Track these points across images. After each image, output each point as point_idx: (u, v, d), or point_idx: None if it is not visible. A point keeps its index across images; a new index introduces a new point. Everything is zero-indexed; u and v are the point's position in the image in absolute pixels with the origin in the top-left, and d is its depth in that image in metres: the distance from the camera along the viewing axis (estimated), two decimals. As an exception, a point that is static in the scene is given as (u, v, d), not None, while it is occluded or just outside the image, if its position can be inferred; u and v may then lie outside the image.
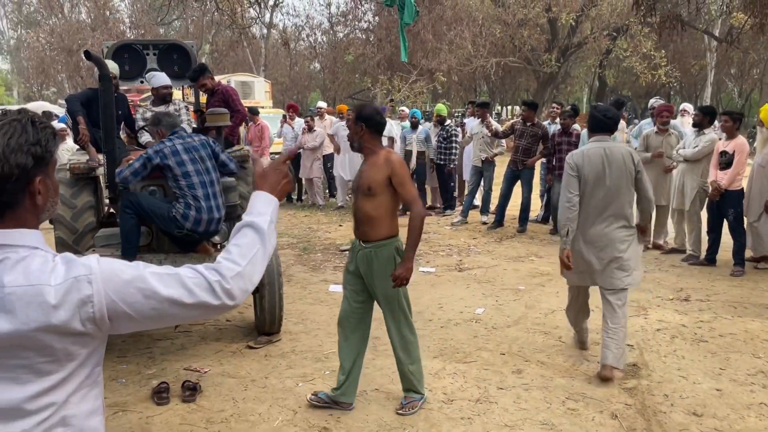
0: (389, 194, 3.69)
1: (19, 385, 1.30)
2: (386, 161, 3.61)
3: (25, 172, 1.31)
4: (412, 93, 18.25)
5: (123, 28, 26.40)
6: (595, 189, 4.19)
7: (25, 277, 1.29)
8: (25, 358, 1.29)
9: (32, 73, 30.84)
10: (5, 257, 1.31)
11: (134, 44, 6.93)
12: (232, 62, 29.52)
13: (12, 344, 1.28)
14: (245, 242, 1.49)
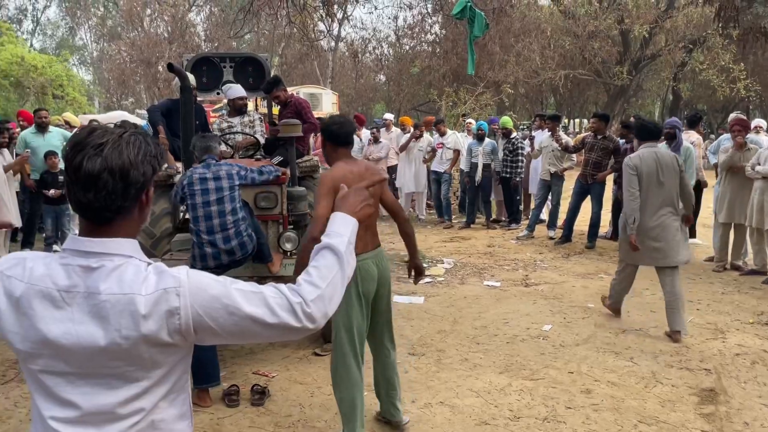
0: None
1: (111, 390, 1.36)
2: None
3: (145, 181, 1.40)
4: (477, 105, 18.14)
5: (198, 41, 27.42)
6: (651, 185, 5.24)
7: (119, 286, 1.34)
8: (116, 367, 1.35)
9: (112, 84, 32.38)
10: (102, 265, 1.36)
11: (212, 57, 7.20)
12: (300, 74, 30.15)
13: (104, 352, 1.34)
14: (324, 264, 1.51)
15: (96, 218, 1.38)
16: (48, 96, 26.11)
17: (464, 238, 9.77)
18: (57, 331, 1.34)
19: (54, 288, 1.35)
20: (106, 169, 1.32)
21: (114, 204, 1.36)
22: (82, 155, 1.33)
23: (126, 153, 1.35)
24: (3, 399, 4.16)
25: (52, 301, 1.35)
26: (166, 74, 25.06)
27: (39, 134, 8.30)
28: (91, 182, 1.32)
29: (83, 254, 1.37)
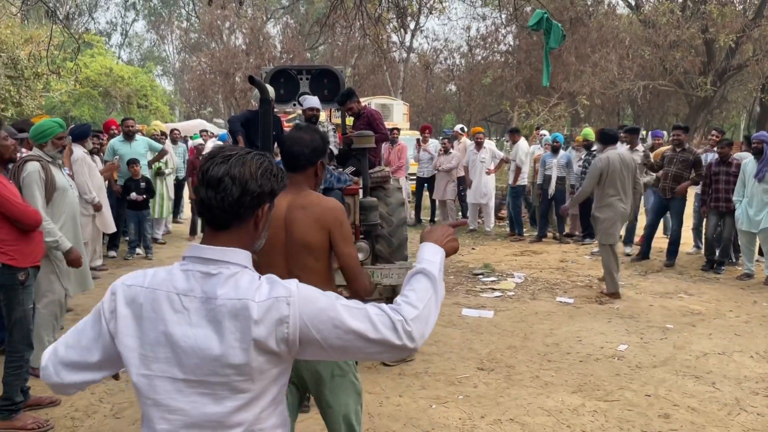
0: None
1: (218, 401, 1.44)
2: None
3: (262, 195, 1.51)
4: (551, 116, 17.82)
5: (274, 53, 28.19)
6: (616, 179, 6.82)
7: (235, 292, 1.43)
8: (226, 375, 1.42)
9: (192, 94, 33.74)
10: (219, 272, 1.46)
11: (289, 69, 7.39)
12: (372, 85, 30.48)
13: (217, 358, 1.41)
14: (420, 287, 1.56)
15: (216, 221, 1.51)
16: (133, 105, 27.47)
17: (535, 252, 9.58)
18: (177, 333, 1.43)
19: (174, 291, 1.46)
20: (227, 175, 1.47)
21: (230, 206, 1.48)
22: (211, 162, 1.50)
23: (248, 166, 1.50)
24: (89, 394, 4.38)
25: (171, 303, 1.45)
26: (244, 85, 25.92)
27: (126, 142, 8.72)
28: (213, 183, 1.47)
29: (203, 261, 1.48)
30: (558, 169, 10.11)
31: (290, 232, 2.56)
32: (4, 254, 3.70)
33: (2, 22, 15.59)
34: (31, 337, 3.94)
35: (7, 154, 3.83)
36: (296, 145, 2.59)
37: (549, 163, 10.20)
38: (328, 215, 2.55)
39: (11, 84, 14.83)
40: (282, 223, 2.56)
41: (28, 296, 3.86)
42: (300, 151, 2.58)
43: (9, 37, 15.33)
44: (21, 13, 15.94)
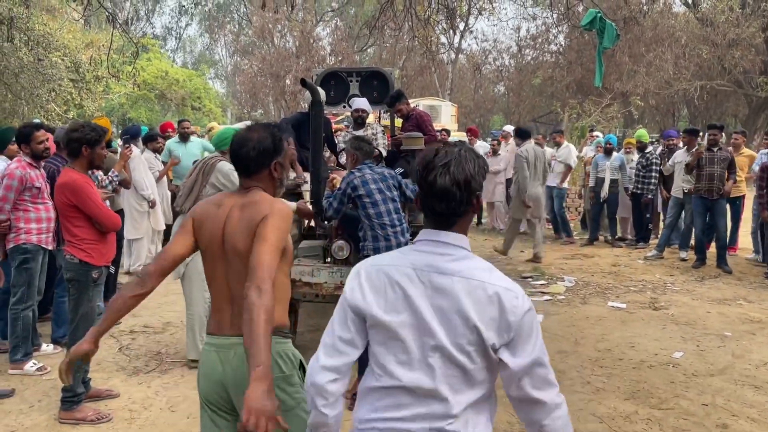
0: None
1: (453, 392, 1.62)
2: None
3: (480, 187, 1.69)
4: (604, 117, 17.44)
5: (323, 54, 28.47)
6: (534, 168, 8.71)
7: (469, 272, 1.63)
8: (467, 354, 1.60)
9: (244, 96, 34.36)
10: (452, 253, 1.66)
11: (340, 72, 7.47)
12: (420, 86, 30.44)
13: (457, 335, 1.59)
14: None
15: (445, 223, 1.68)
16: (187, 107, 28.20)
17: (587, 255, 9.40)
18: (423, 305, 1.63)
19: (411, 267, 1.67)
20: (454, 184, 1.62)
21: (460, 210, 1.66)
22: (434, 173, 1.63)
23: (467, 168, 1.64)
24: (145, 388, 4.52)
25: (411, 279, 1.65)
26: (294, 87, 26.27)
27: (181, 143, 8.95)
28: (443, 195, 1.63)
29: (437, 244, 1.68)
30: (611, 172, 9.89)
31: (225, 235, 2.26)
32: (82, 251, 3.89)
33: (65, 27, 16.24)
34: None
35: (98, 162, 4.02)
36: (242, 148, 2.28)
37: (602, 165, 10.00)
38: (258, 214, 2.17)
39: (73, 87, 15.44)
40: (220, 227, 2.26)
41: (97, 294, 4.03)
42: (246, 154, 2.27)
43: (71, 42, 15.97)
44: (83, 19, 16.59)
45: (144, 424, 3.95)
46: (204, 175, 4.82)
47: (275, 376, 2.08)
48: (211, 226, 2.28)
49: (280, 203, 2.26)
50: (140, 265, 7.92)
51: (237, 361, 2.18)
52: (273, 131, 2.36)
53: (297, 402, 2.23)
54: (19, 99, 12.14)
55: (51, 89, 13.03)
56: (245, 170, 2.31)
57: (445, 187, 1.61)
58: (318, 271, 4.87)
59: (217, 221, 2.27)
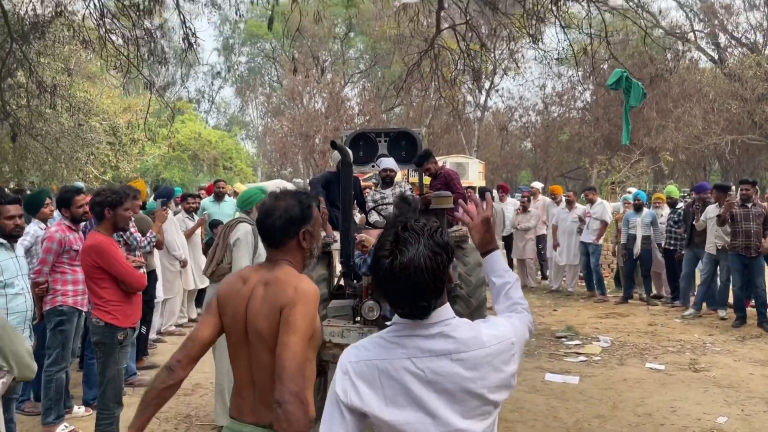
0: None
1: (479, 421, 1.62)
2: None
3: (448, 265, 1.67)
4: (633, 173, 17.35)
5: (352, 114, 29.11)
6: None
7: (466, 344, 1.59)
8: (483, 416, 1.61)
9: (274, 155, 35.13)
10: (441, 330, 1.61)
11: (368, 133, 7.60)
12: (447, 144, 30.80)
13: (470, 409, 1.59)
14: (517, 294, 1.97)
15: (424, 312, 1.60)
16: (219, 167, 28.87)
17: (621, 314, 9.18)
18: (426, 396, 1.57)
19: (405, 357, 1.59)
20: (424, 272, 1.53)
21: (434, 296, 1.59)
22: (391, 260, 1.55)
23: (427, 258, 1.54)
24: (174, 451, 4.46)
25: (407, 370, 1.57)
26: (323, 146, 26.78)
27: (216, 203, 9.10)
28: (411, 286, 1.55)
29: (426, 326, 1.60)
30: (642, 228, 9.75)
31: (248, 316, 2.12)
32: (108, 313, 3.94)
33: (104, 93, 16.94)
34: (121, 395, 4.10)
35: (122, 224, 4.11)
36: (268, 218, 2.16)
37: (632, 221, 9.88)
38: (284, 293, 2.04)
39: (110, 149, 15.98)
40: (243, 306, 2.14)
41: (123, 356, 4.05)
42: (272, 224, 2.15)
43: (110, 107, 16.62)
44: (122, 86, 17.32)
45: (172, 491, 3.89)
46: (224, 239, 4.87)
47: None
48: (235, 304, 2.16)
49: (306, 283, 2.10)
50: (172, 325, 7.97)
51: None
52: (301, 198, 2.23)
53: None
54: (58, 162, 12.60)
55: (90, 152, 13.52)
56: (271, 241, 2.18)
57: (409, 274, 1.53)
58: (348, 332, 4.83)
59: (240, 299, 2.15)
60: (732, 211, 8.11)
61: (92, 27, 8.62)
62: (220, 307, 2.21)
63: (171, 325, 7.97)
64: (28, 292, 4.14)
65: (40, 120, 10.50)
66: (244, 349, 2.16)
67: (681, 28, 23.25)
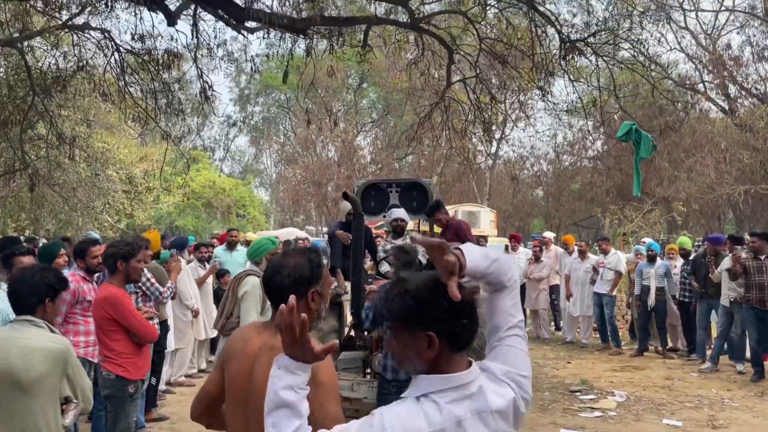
0: None
1: None
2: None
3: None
4: (646, 223, 17.29)
5: (364, 163, 29.44)
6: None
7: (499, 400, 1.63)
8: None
9: (287, 203, 35.46)
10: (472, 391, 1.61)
11: (380, 183, 7.68)
12: (458, 192, 30.98)
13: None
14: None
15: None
16: (232, 215, 29.15)
17: (637, 367, 9.00)
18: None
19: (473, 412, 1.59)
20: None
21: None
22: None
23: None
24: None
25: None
26: (335, 194, 27.00)
27: (228, 251, 9.17)
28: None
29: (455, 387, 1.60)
30: (657, 279, 9.66)
31: (251, 379, 2.00)
32: (119, 366, 3.96)
33: (122, 143, 17.31)
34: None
35: (134, 276, 4.17)
36: (276, 275, 2.08)
37: (646, 272, 9.79)
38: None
39: (126, 198, 16.22)
40: (246, 368, 2.03)
41: (133, 409, 4.05)
42: (279, 282, 2.06)
43: (127, 156, 16.95)
44: (139, 137, 17.70)
45: None
46: (234, 292, 4.89)
47: None
48: (236, 365, 2.07)
49: (324, 362, 1.80)
50: (182, 376, 7.92)
51: None
52: (311, 256, 2.15)
53: None
54: (74, 211, 12.80)
55: (105, 201, 13.74)
56: (278, 300, 1.89)
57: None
58: (358, 386, 4.79)
59: (242, 361, 2.04)
60: (744, 264, 8.03)
61: (112, 80, 8.89)
62: (224, 364, 2.17)
63: (181, 376, 7.92)
64: None
65: (58, 170, 10.74)
66: (242, 412, 2.06)
67: (690, 79, 23.49)
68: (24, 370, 2.64)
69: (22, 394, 2.66)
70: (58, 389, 2.75)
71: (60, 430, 2.76)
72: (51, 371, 2.71)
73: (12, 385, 2.65)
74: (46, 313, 2.87)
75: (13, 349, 2.68)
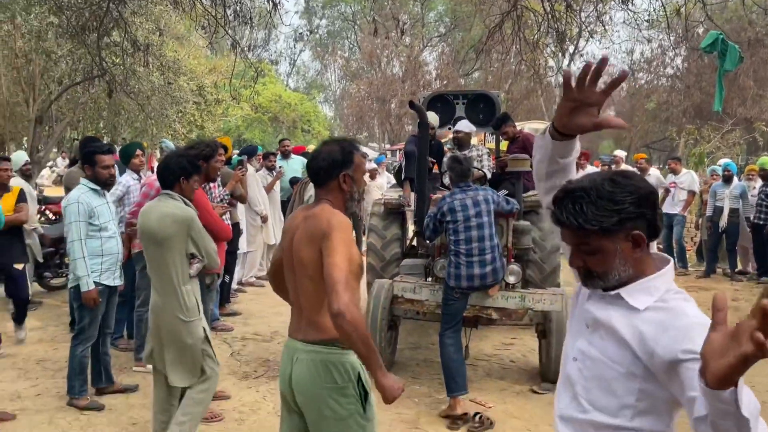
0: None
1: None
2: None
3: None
4: (725, 144, 16.46)
5: (429, 78, 28.86)
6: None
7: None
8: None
9: (351, 119, 35.44)
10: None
11: (446, 95, 7.58)
12: (526, 110, 30.10)
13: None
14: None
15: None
16: (297, 130, 29.45)
17: (703, 288, 8.86)
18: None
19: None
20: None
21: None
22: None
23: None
24: (254, 392, 4.76)
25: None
26: (399, 110, 26.79)
27: (284, 160, 9.41)
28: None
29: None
30: (731, 200, 9.32)
31: (293, 248, 2.42)
32: None
33: (192, 54, 17.54)
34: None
35: (213, 175, 4.43)
36: (314, 160, 2.47)
37: (720, 193, 9.45)
38: (319, 225, 2.29)
39: (196, 109, 16.60)
40: (291, 239, 2.45)
41: (210, 299, 4.36)
42: (317, 165, 2.45)
43: (197, 67, 17.21)
44: (208, 47, 17.87)
45: (252, 427, 4.17)
46: (300, 196, 5.10)
47: (329, 387, 2.28)
48: (287, 237, 2.49)
49: (338, 216, 2.33)
50: (252, 277, 8.36)
51: (301, 366, 2.35)
52: (344, 145, 2.48)
53: (349, 413, 2.31)
54: (149, 119, 13.24)
55: (178, 111, 14.12)
56: (315, 180, 2.48)
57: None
58: (420, 288, 4.94)
59: (290, 233, 2.47)
60: None
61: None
62: (282, 239, 2.59)
63: (251, 277, 8.36)
64: (118, 235, 4.50)
65: (133, 78, 11.04)
66: (290, 276, 2.46)
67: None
68: (159, 230, 3.41)
69: (160, 249, 3.42)
70: (185, 247, 3.45)
71: (186, 277, 3.48)
72: (178, 232, 3.41)
73: (153, 242, 3.45)
74: (182, 190, 3.55)
75: (154, 214, 3.46)
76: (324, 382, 2.27)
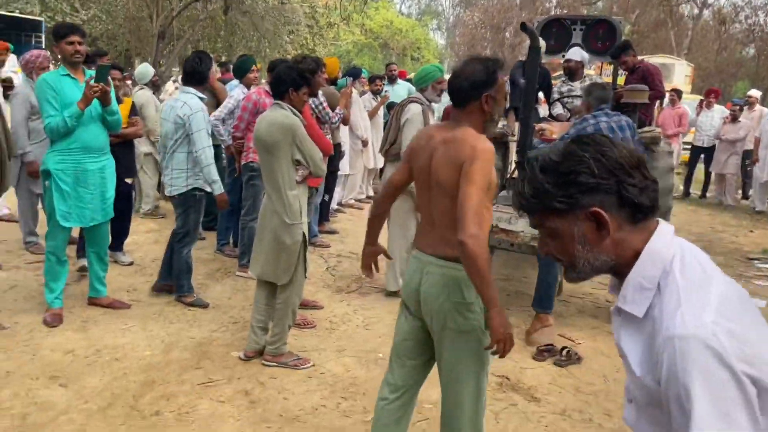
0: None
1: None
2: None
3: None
4: None
5: (548, 6, 27.33)
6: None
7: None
8: None
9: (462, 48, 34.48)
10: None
11: (563, 19, 7.12)
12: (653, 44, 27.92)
13: None
14: None
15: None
16: (407, 57, 29.08)
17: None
18: None
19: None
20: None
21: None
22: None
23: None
24: (345, 305, 4.93)
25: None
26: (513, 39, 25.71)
27: (390, 85, 9.32)
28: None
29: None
30: None
31: (431, 168, 2.37)
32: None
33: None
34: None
35: (316, 89, 4.57)
36: (456, 79, 2.35)
37: None
38: (463, 150, 2.24)
39: (308, 32, 16.74)
40: (428, 159, 2.39)
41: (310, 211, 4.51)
42: (458, 85, 2.33)
43: (309, -12, 17.28)
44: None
45: (341, 336, 4.33)
46: (397, 120, 5.00)
47: (457, 302, 2.33)
48: (421, 157, 2.42)
49: (483, 142, 2.26)
50: (352, 199, 8.52)
51: (431, 279, 2.38)
52: (488, 65, 2.34)
53: (473, 327, 2.35)
54: (263, 38, 13.52)
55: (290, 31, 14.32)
56: (457, 101, 2.37)
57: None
58: (516, 219, 4.83)
59: (425, 154, 2.40)
60: None
61: None
62: (411, 158, 2.50)
63: (351, 199, 8.53)
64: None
65: (248, -3, 11.27)
66: (426, 195, 2.42)
67: None
68: (268, 137, 3.59)
69: (269, 155, 3.61)
70: (290, 153, 3.60)
71: (293, 182, 3.65)
72: (283, 139, 3.57)
73: (264, 148, 3.64)
74: (291, 100, 3.68)
75: (264, 122, 3.64)
76: (453, 297, 2.32)
